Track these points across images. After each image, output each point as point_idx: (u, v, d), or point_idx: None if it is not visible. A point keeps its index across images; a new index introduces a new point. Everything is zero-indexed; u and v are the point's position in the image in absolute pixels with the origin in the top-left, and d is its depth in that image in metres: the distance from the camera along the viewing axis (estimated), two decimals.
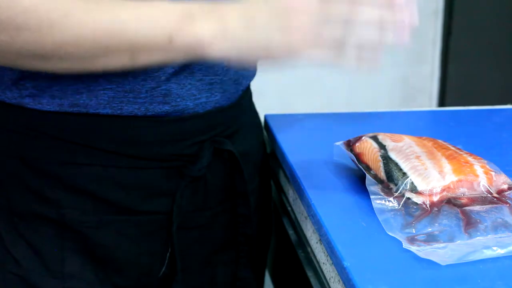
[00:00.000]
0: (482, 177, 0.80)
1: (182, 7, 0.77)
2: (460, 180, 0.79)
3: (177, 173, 0.90)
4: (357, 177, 0.89)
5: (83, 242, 0.88)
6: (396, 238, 0.74)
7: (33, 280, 0.88)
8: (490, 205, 0.78)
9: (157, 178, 0.89)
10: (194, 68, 0.87)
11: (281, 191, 1.07)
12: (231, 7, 0.77)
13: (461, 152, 0.85)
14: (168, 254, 0.91)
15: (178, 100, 0.87)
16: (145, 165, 0.88)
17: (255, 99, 1.08)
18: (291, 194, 0.98)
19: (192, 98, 0.88)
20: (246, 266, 0.99)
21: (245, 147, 0.97)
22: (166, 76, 0.85)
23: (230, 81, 0.91)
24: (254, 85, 1.05)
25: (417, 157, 0.83)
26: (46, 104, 0.85)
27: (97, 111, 0.85)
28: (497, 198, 0.79)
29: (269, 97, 2.62)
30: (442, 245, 0.72)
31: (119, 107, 0.85)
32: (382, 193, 0.80)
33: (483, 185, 0.80)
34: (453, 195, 0.78)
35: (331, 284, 0.78)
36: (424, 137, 0.91)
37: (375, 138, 0.89)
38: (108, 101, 0.85)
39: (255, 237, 0.99)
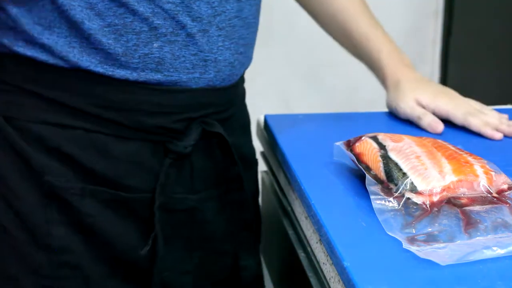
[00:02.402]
0: (482, 177, 0.80)
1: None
2: (460, 180, 0.79)
3: (162, 150, 0.90)
4: (357, 177, 0.89)
5: (69, 211, 0.88)
6: (396, 238, 0.74)
7: (22, 249, 0.88)
8: (490, 205, 0.78)
9: (141, 151, 0.89)
10: (189, 42, 0.88)
11: (281, 191, 1.07)
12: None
13: (461, 152, 0.85)
14: (152, 234, 0.90)
15: (171, 70, 0.88)
16: (130, 135, 0.88)
17: (255, 99, 1.08)
18: (291, 194, 0.98)
19: (186, 71, 0.89)
20: (249, 254, 0.99)
21: (234, 140, 0.97)
22: (159, 44, 0.86)
23: (225, 62, 0.92)
24: (255, 85, 1.06)
25: (417, 157, 0.83)
26: (39, 52, 0.86)
27: (88, 67, 0.86)
28: (497, 198, 0.79)
29: (269, 97, 2.62)
30: (442, 245, 0.72)
31: (111, 69, 0.86)
32: (382, 193, 0.80)
33: (483, 185, 0.79)
34: (453, 195, 0.78)
35: (331, 284, 0.78)
36: (424, 137, 0.91)
37: (375, 138, 0.89)
38: (100, 61, 0.86)
39: (254, 223, 0.99)
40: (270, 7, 2.61)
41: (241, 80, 1.02)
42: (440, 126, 1.07)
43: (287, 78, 2.62)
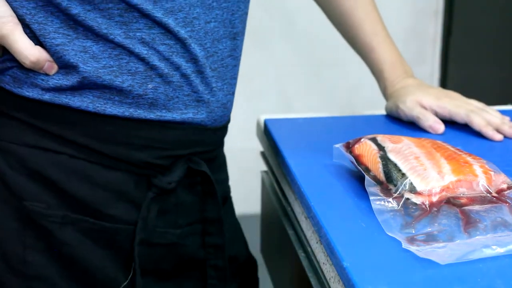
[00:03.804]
0: (481, 177, 0.80)
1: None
2: (459, 180, 0.79)
3: (146, 183, 0.89)
4: (357, 179, 0.89)
5: (47, 239, 0.86)
6: (396, 239, 0.74)
7: None
8: (489, 205, 0.78)
9: (125, 182, 0.88)
10: (183, 83, 0.87)
11: (281, 191, 1.07)
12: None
13: (460, 153, 0.85)
14: (132, 271, 0.89)
15: (164, 111, 0.87)
16: (114, 165, 0.87)
17: (255, 99, 1.08)
18: (291, 195, 0.98)
19: (179, 112, 0.88)
20: None
21: (218, 178, 0.97)
22: (154, 85, 0.85)
23: (217, 103, 0.91)
24: (255, 85, 1.06)
25: (416, 158, 0.83)
26: (26, 90, 0.85)
27: (78, 107, 0.84)
28: (496, 198, 0.79)
29: (269, 97, 2.62)
30: (441, 244, 0.73)
31: (103, 108, 0.85)
32: (381, 194, 0.80)
33: (482, 185, 0.80)
34: (452, 195, 0.79)
35: (331, 284, 0.78)
36: (423, 138, 0.91)
37: (374, 140, 0.89)
38: (92, 101, 0.84)
39: (227, 268, 0.97)
40: (270, 7, 2.62)
41: (229, 120, 0.99)
42: (441, 127, 1.07)
43: (287, 78, 2.62)
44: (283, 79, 2.60)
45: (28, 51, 0.82)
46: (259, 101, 2.52)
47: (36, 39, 0.84)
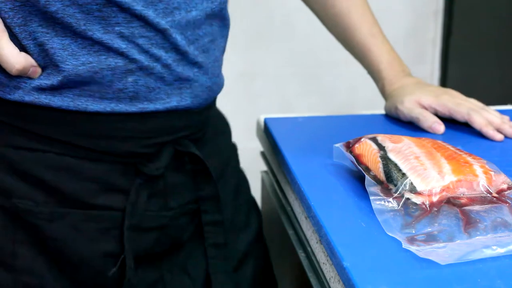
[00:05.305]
0: (482, 177, 0.80)
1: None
2: (459, 180, 0.79)
3: (134, 170, 0.89)
4: (357, 179, 0.89)
5: (36, 235, 0.86)
6: (396, 238, 0.74)
7: None
8: (489, 205, 0.78)
9: (112, 172, 0.88)
10: (164, 73, 0.86)
11: (281, 191, 1.07)
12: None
13: (460, 153, 0.85)
14: (122, 256, 0.88)
15: (146, 102, 0.87)
16: (101, 158, 0.87)
17: (255, 99, 1.08)
18: (291, 195, 0.98)
19: (161, 102, 0.87)
20: (225, 279, 0.96)
21: (212, 150, 0.96)
22: (134, 78, 0.85)
23: (202, 87, 0.91)
24: (255, 85, 1.06)
25: (416, 158, 0.83)
26: (8, 93, 0.85)
27: (59, 107, 0.84)
28: (496, 198, 0.79)
29: (269, 97, 2.62)
30: (441, 244, 0.73)
31: (84, 106, 0.84)
32: (381, 194, 0.80)
33: (483, 185, 0.80)
34: (453, 195, 0.79)
35: (331, 284, 0.78)
36: (423, 138, 0.91)
37: (374, 139, 0.89)
38: (72, 99, 0.84)
39: (228, 245, 0.96)
40: (270, 7, 2.62)
41: (215, 98, 0.99)
42: (441, 128, 1.06)
43: (287, 78, 2.62)
44: (283, 79, 2.60)
45: (14, 58, 0.82)
46: (259, 101, 2.52)
47: (16, 41, 0.83)
